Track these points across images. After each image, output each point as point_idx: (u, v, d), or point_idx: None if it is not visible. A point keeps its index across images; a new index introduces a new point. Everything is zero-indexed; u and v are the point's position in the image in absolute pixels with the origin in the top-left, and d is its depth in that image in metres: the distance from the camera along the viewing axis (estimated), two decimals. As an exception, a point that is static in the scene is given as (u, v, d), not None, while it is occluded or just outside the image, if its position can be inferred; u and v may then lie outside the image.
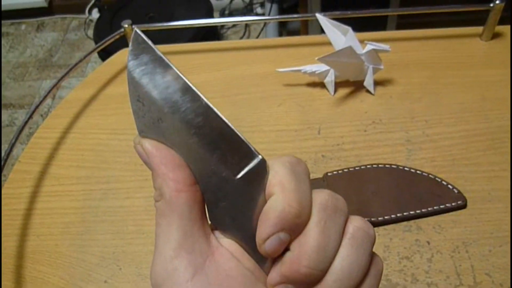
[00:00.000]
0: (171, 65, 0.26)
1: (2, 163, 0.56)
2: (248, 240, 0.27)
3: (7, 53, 2.27)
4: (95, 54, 2.03)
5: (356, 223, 0.26)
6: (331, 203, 0.26)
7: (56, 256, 0.52)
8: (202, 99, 0.26)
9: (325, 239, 0.25)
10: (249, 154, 0.26)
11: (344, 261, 0.25)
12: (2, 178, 0.59)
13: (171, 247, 0.25)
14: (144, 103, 0.27)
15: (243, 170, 0.26)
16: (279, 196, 0.25)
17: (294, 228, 0.25)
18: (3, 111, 1.98)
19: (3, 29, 2.42)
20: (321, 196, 0.26)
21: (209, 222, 0.28)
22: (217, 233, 0.28)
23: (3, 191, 0.59)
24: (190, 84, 0.26)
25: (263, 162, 0.26)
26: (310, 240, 0.25)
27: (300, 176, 0.26)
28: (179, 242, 0.26)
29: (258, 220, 0.26)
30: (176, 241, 0.26)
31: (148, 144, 0.27)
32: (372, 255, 0.27)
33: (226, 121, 0.26)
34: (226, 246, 0.27)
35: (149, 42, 0.26)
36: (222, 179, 0.26)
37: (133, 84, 0.27)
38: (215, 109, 0.26)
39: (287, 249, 0.26)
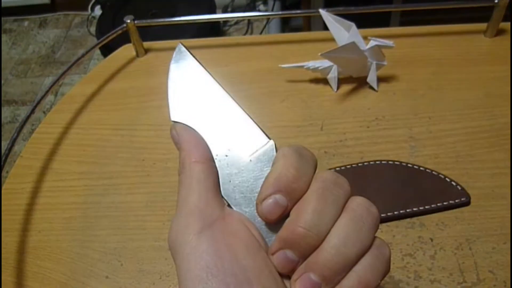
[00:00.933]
0: (202, 66, 0.33)
1: (3, 159, 0.55)
2: (255, 216, 0.29)
3: (10, 50, 2.27)
4: (98, 52, 2.03)
5: (357, 200, 0.28)
6: (331, 177, 0.28)
7: (58, 251, 0.52)
8: (223, 90, 0.32)
9: (321, 204, 0.26)
10: (261, 138, 0.30)
11: (341, 230, 0.26)
12: (4, 174, 0.58)
13: (188, 206, 0.28)
14: (179, 97, 0.33)
15: (256, 152, 0.30)
16: (279, 163, 0.28)
17: (291, 191, 0.27)
18: (5, 108, 1.98)
19: (6, 26, 2.42)
20: (322, 172, 0.28)
21: (222, 195, 0.30)
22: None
23: (5, 186, 0.59)
24: (215, 80, 0.33)
25: (273, 145, 0.30)
26: (306, 203, 0.27)
27: (304, 156, 0.29)
28: (195, 202, 0.28)
29: None
30: (192, 202, 0.28)
31: (179, 127, 0.32)
32: (377, 239, 0.27)
33: (242, 108, 0.31)
34: (237, 216, 0.29)
35: (189, 52, 0.34)
36: (237, 158, 0.30)
37: (173, 82, 0.33)
38: (232, 98, 0.32)
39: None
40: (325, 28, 0.64)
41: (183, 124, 0.32)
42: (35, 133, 0.65)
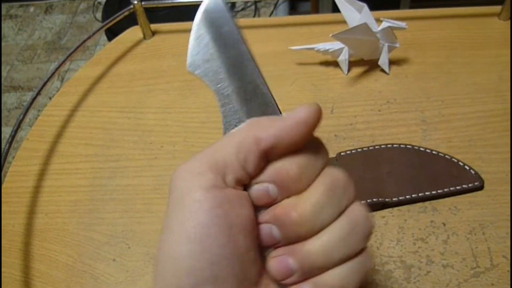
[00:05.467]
0: (235, 24, 0.30)
1: (7, 144, 0.55)
2: None
3: (16, 36, 2.26)
4: (104, 37, 2.02)
5: (359, 207, 0.27)
6: (343, 178, 0.27)
7: (64, 234, 0.52)
8: (245, 49, 0.29)
9: (325, 200, 0.26)
10: (275, 113, 0.28)
11: (335, 231, 0.26)
12: (10, 160, 0.58)
13: (213, 157, 0.26)
14: (200, 46, 0.30)
15: None
16: (287, 156, 0.26)
17: (285, 188, 0.26)
18: (11, 94, 1.98)
19: (12, 11, 2.41)
20: (335, 169, 0.27)
21: None
22: None
23: (11, 169, 0.59)
24: (242, 38, 0.29)
25: None
26: (311, 194, 0.26)
27: (318, 152, 0.27)
28: (219, 159, 0.26)
29: None
30: (218, 157, 0.26)
31: (307, 110, 0.28)
32: (365, 249, 0.27)
33: (261, 77, 0.29)
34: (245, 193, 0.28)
35: (224, 4, 0.30)
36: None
37: (199, 28, 0.30)
38: (253, 60, 0.29)
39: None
40: (333, 11, 0.62)
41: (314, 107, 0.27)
42: (41, 116, 0.64)
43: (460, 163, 0.51)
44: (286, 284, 0.26)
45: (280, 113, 0.29)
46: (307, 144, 0.27)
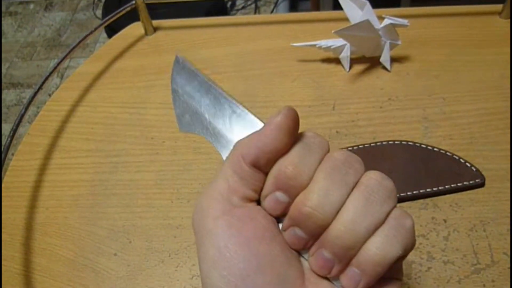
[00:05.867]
0: (201, 74, 0.34)
1: (8, 140, 0.54)
2: None
3: (15, 33, 2.26)
4: (104, 34, 2.02)
5: (369, 174, 0.27)
6: (341, 156, 0.27)
7: (65, 228, 0.52)
8: (220, 91, 0.33)
9: (328, 183, 0.26)
10: (258, 127, 0.31)
11: (350, 206, 0.25)
12: (10, 156, 0.58)
13: (214, 190, 0.28)
14: (183, 105, 0.34)
15: None
16: (279, 161, 0.27)
17: (289, 188, 0.26)
18: (11, 91, 1.98)
19: (11, 9, 2.41)
20: (333, 152, 0.27)
21: None
22: None
23: (12, 163, 0.59)
24: (213, 83, 0.33)
25: None
26: (314, 183, 0.26)
27: (310, 146, 0.27)
28: (220, 190, 0.28)
29: None
30: (218, 188, 0.28)
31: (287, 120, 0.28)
32: (396, 210, 0.26)
33: (239, 104, 0.32)
34: (260, 208, 0.29)
35: (187, 62, 0.35)
36: None
37: (175, 92, 0.34)
38: (229, 96, 0.33)
39: None
40: (334, 9, 0.63)
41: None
42: (42, 111, 0.64)
43: (461, 160, 0.51)
44: (335, 276, 0.26)
45: None
46: (296, 142, 0.27)
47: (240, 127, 0.32)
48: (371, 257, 0.25)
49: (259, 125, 0.31)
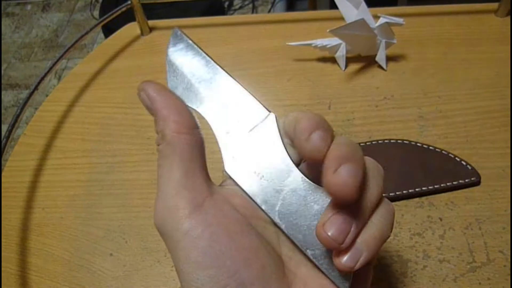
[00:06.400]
0: (199, 48, 0.33)
1: (3, 141, 0.54)
2: (259, 195, 0.28)
3: (13, 34, 2.26)
4: (101, 35, 2.02)
5: (368, 159, 0.28)
6: (348, 140, 0.27)
7: (61, 229, 0.51)
8: (217, 67, 0.32)
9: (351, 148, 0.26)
10: (261, 111, 0.30)
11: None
12: (6, 157, 0.58)
13: (172, 185, 0.26)
14: (177, 78, 0.32)
15: (257, 126, 0.30)
16: (305, 116, 0.26)
17: (326, 129, 0.26)
18: (8, 92, 1.98)
19: (9, 10, 2.41)
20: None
21: (228, 173, 0.29)
22: (225, 186, 0.29)
23: (8, 164, 0.59)
24: (210, 59, 0.32)
25: (274, 118, 0.30)
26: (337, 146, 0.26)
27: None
28: (180, 180, 0.26)
29: (275, 170, 0.28)
30: (176, 180, 0.26)
31: (151, 90, 0.29)
32: (384, 197, 0.28)
33: (237, 82, 0.31)
34: (222, 193, 0.28)
35: (185, 36, 0.33)
36: (238, 134, 0.30)
37: (170, 64, 0.33)
38: (226, 73, 0.31)
39: None
40: (331, 8, 0.63)
41: (156, 83, 0.30)
42: (38, 111, 0.64)
43: (457, 158, 0.51)
44: (347, 245, 0.25)
45: (265, 108, 0.30)
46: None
47: (237, 108, 0.31)
48: (374, 234, 0.26)
49: (257, 107, 0.30)
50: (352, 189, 0.24)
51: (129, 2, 0.69)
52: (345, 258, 0.25)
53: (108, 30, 1.32)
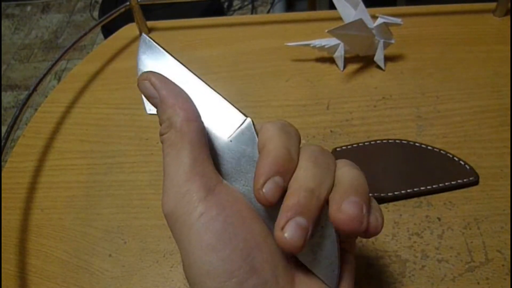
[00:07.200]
0: (169, 54, 0.32)
1: (3, 142, 0.54)
2: (249, 198, 0.29)
3: (13, 35, 2.26)
4: (101, 36, 2.02)
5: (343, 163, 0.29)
6: (318, 148, 0.29)
7: (60, 230, 0.51)
8: (190, 73, 0.31)
9: (318, 170, 0.27)
10: (237, 117, 0.30)
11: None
12: (6, 158, 0.58)
13: (184, 171, 0.26)
14: None
15: (234, 132, 0.30)
16: (270, 145, 0.27)
17: (286, 171, 0.26)
18: (8, 93, 1.98)
19: (8, 11, 2.41)
20: (309, 145, 0.30)
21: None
22: None
23: (7, 165, 0.59)
24: (181, 64, 0.32)
25: (250, 123, 0.30)
26: (304, 171, 0.27)
27: (289, 133, 0.28)
28: (191, 166, 0.26)
29: (252, 174, 0.28)
30: (187, 166, 0.26)
31: (156, 78, 0.28)
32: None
33: (214, 90, 0.31)
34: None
35: (155, 42, 0.32)
36: (215, 140, 0.30)
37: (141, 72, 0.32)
38: (204, 81, 0.31)
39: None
40: (330, 8, 0.63)
41: (159, 73, 0.30)
42: (37, 112, 0.64)
43: (455, 158, 0.52)
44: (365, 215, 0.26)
45: (242, 113, 0.30)
46: (277, 128, 0.29)
47: (211, 112, 0.31)
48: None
49: (233, 113, 0.30)
50: (297, 247, 0.25)
51: (127, 3, 0.69)
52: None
53: (108, 31, 1.32)
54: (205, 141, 0.28)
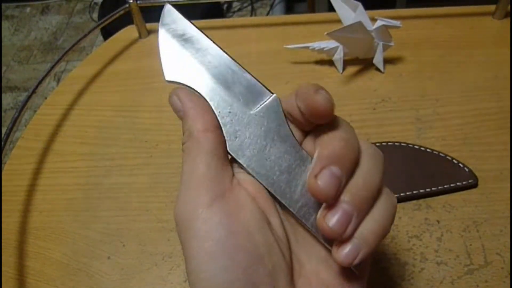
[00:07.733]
0: (194, 25, 0.32)
1: (2, 144, 0.54)
2: (266, 175, 0.29)
3: (12, 36, 2.26)
4: (100, 38, 2.02)
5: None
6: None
7: (59, 232, 0.51)
8: (216, 46, 0.31)
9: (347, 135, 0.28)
10: (263, 91, 0.30)
11: (366, 165, 0.28)
12: (5, 160, 0.58)
13: (195, 177, 0.27)
14: (172, 55, 0.32)
15: (259, 106, 0.29)
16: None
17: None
18: (8, 94, 1.98)
19: (8, 12, 2.41)
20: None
21: (230, 153, 0.30)
22: (237, 174, 0.30)
23: (6, 167, 0.59)
24: (207, 37, 0.31)
25: (276, 99, 0.30)
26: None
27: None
28: (203, 173, 0.27)
29: (280, 152, 0.29)
30: (200, 173, 0.27)
31: (183, 94, 0.30)
32: (385, 188, 0.28)
33: (239, 64, 0.31)
34: (244, 187, 0.29)
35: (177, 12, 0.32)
36: (240, 114, 0.30)
37: (164, 42, 0.32)
38: (228, 55, 0.31)
39: None
40: (330, 12, 0.63)
41: (185, 88, 0.30)
42: (36, 115, 0.64)
43: (454, 161, 0.52)
44: (349, 234, 0.26)
45: (268, 89, 0.30)
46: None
47: (240, 88, 0.30)
48: (374, 228, 0.26)
49: (261, 88, 0.30)
50: (328, 195, 0.25)
51: (127, 5, 0.69)
52: (344, 252, 0.25)
53: (107, 33, 1.32)
54: (223, 150, 0.29)
